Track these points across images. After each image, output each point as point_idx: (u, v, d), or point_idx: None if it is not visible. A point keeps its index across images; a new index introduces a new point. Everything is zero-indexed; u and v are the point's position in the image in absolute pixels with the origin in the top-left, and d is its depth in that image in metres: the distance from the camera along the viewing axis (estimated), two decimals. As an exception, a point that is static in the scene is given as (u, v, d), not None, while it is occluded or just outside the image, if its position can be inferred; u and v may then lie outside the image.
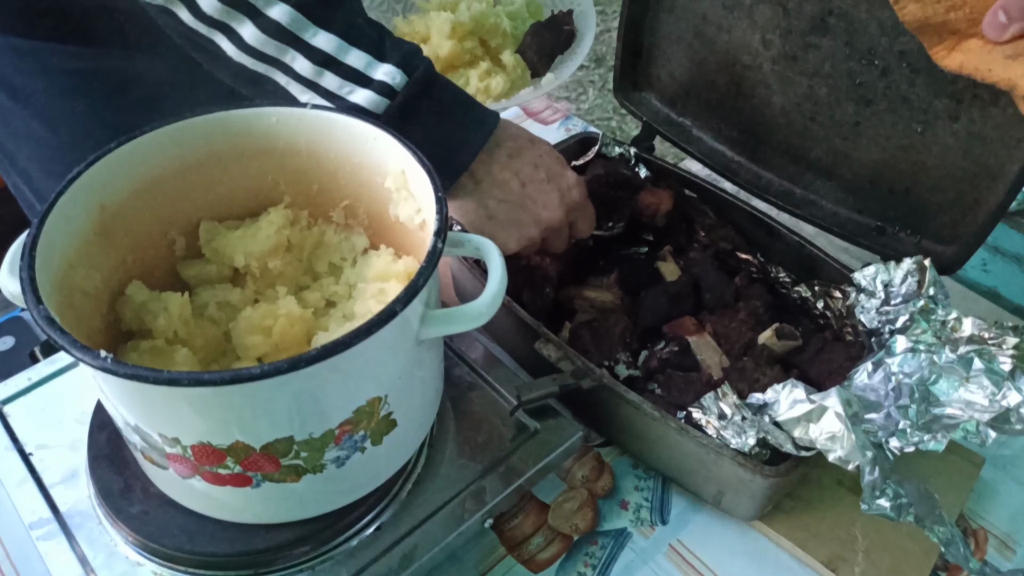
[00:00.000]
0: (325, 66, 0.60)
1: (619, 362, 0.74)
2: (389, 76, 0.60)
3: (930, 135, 0.68)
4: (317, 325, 0.60)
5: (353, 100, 0.60)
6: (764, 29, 0.74)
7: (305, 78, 0.60)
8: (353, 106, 0.60)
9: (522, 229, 0.67)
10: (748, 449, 0.59)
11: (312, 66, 0.59)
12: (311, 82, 0.60)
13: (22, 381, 0.69)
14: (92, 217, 0.56)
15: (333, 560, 0.57)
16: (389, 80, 0.60)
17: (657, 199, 0.81)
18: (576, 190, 0.69)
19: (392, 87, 0.60)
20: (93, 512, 0.60)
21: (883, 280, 0.67)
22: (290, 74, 0.60)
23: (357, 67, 0.60)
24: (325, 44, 0.59)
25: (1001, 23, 0.55)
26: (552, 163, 0.68)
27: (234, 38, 0.58)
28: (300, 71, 0.60)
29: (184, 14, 0.58)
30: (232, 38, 0.58)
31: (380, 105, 0.60)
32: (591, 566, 0.65)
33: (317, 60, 0.59)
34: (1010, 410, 0.56)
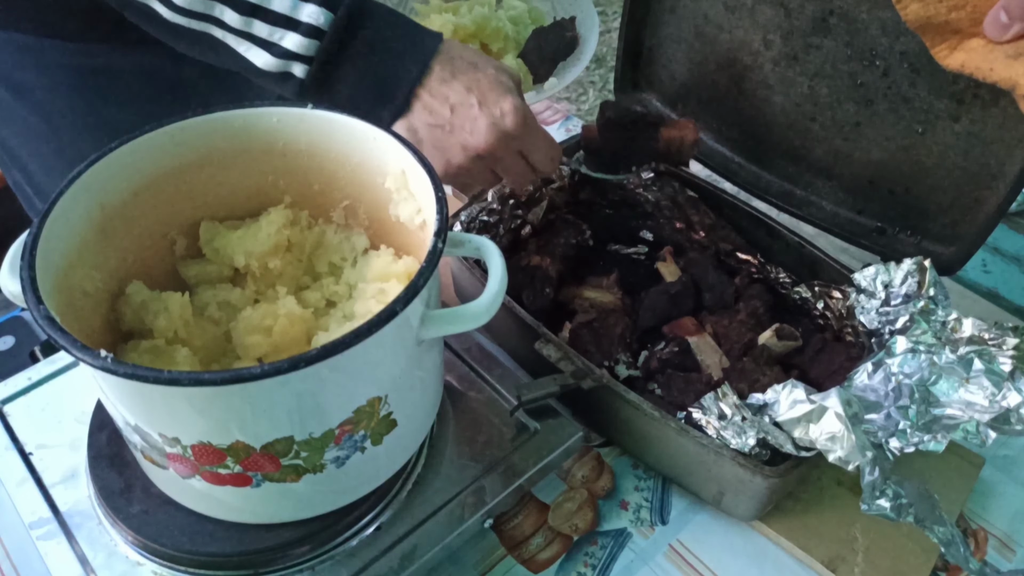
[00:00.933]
0: (252, 15, 0.60)
1: (619, 362, 0.74)
2: (313, 17, 0.60)
3: (931, 135, 0.68)
4: (317, 325, 0.60)
5: (284, 45, 0.60)
6: (765, 29, 0.74)
7: (237, 29, 0.60)
8: (287, 52, 0.60)
9: (447, 154, 0.66)
10: (748, 449, 0.59)
11: (240, 16, 0.60)
12: (244, 32, 0.60)
13: (22, 381, 0.69)
14: (92, 217, 0.56)
15: (333, 560, 0.57)
16: (314, 21, 0.60)
17: (680, 131, 0.77)
18: (511, 116, 0.65)
19: (318, 28, 0.60)
20: (93, 512, 0.60)
21: (883, 281, 0.67)
22: (223, 27, 0.60)
23: (282, 11, 0.60)
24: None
25: (1003, 23, 0.55)
26: (489, 87, 0.65)
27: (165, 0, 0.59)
28: (230, 23, 0.60)
29: None
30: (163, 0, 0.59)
31: (311, 48, 0.60)
32: (591, 566, 0.65)
33: (243, 10, 0.60)
34: (1010, 411, 0.56)
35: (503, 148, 0.66)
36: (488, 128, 0.64)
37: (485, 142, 0.65)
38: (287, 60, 0.60)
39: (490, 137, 0.65)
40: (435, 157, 0.66)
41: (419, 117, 0.64)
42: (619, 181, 0.79)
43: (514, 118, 0.65)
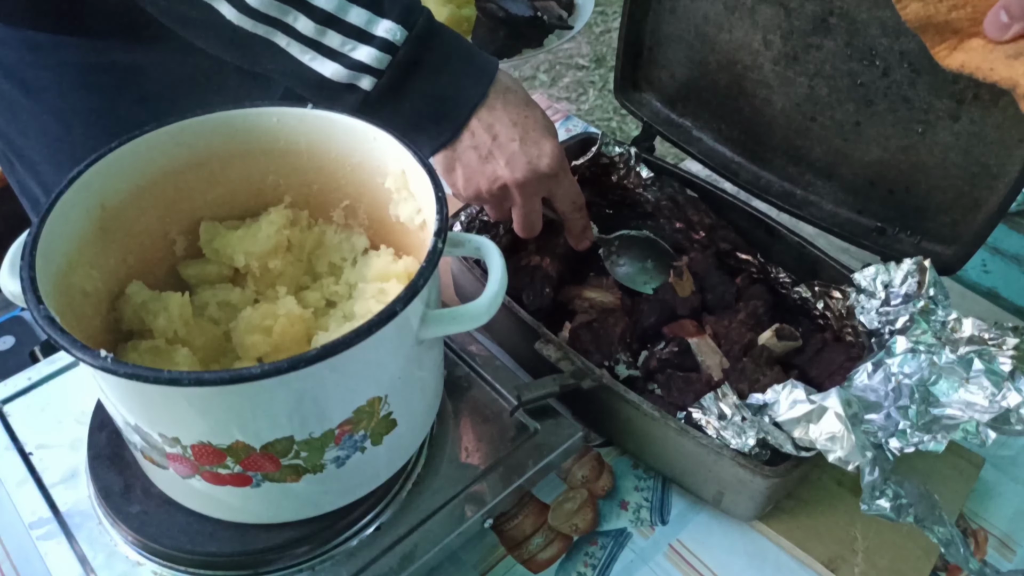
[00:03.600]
0: (327, 24, 0.60)
1: (619, 362, 0.74)
2: (390, 32, 0.61)
3: (931, 135, 0.68)
4: (317, 325, 0.60)
5: (356, 57, 0.61)
6: (765, 29, 0.74)
7: (308, 37, 0.60)
8: (356, 63, 0.61)
9: (476, 179, 0.68)
10: (748, 449, 0.59)
11: (314, 25, 0.60)
12: (314, 41, 0.60)
13: (22, 381, 0.69)
14: (92, 217, 0.56)
15: (333, 560, 0.57)
16: (390, 36, 0.61)
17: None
18: (548, 159, 0.67)
19: (393, 43, 0.61)
20: (93, 512, 0.60)
21: (883, 281, 0.67)
22: (291, 34, 0.60)
23: (358, 24, 0.60)
24: (326, 3, 0.59)
25: (1003, 23, 0.55)
26: (533, 126, 0.67)
27: (235, 2, 0.59)
28: (302, 31, 0.60)
29: None
30: (233, 2, 0.59)
31: (382, 61, 0.61)
32: (591, 566, 0.65)
33: (319, 19, 0.60)
34: (1010, 411, 0.56)
35: (531, 187, 0.68)
36: (524, 165, 0.67)
37: (516, 177, 0.67)
38: (357, 72, 0.61)
39: (524, 174, 0.67)
40: (469, 181, 0.68)
41: (463, 142, 0.66)
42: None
43: (550, 160, 0.67)
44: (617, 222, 0.87)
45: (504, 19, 1.00)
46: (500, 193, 0.69)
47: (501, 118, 0.66)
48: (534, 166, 0.67)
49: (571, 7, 1.10)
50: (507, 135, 0.66)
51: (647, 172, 0.84)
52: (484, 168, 0.67)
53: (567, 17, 1.08)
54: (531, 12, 1.02)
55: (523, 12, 1.01)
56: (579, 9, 1.10)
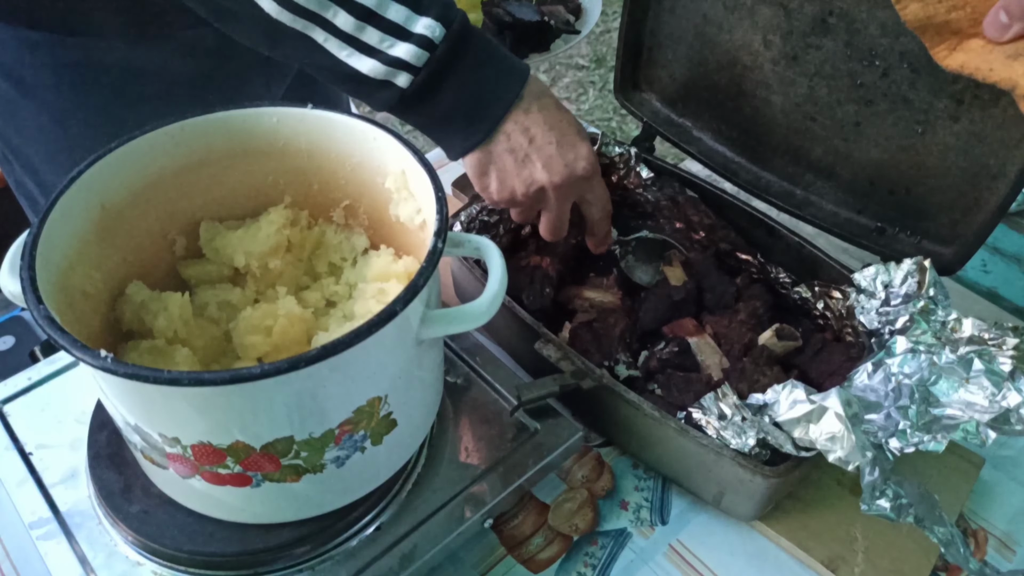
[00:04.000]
0: (366, 20, 0.60)
1: (619, 362, 0.74)
2: (428, 29, 0.60)
3: (930, 135, 0.68)
4: (317, 325, 0.60)
5: (394, 54, 0.60)
6: (765, 29, 0.74)
7: (346, 33, 0.60)
8: (394, 60, 0.60)
9: (512, 182, 0.67)
10: (748, 449, 0.59)
11: (354, 20, 0.59)
12: (352, 37, 0.60)
13: (22, 381, 0.69)
14: (92, 217, 0.56)
15: (333, 560, 0.57)
16: (429, 33, 0.60)
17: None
18: (584, 162, 0.68)
19: (432, 40, 0.60)
20: (93, 512, 0.60)
21: (883, 281, 0.67)
22: (330, 29, 0.60)
23: (397, 21, 0.60)
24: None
25: (1002, 23, 0.55)
26: (568, 130, 0.67)
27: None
28: (341, 26, 0.60)
29: None
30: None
31: (421, 58, 0.60)
32: (591, 566, 0.65)
33: (358, 14, 0.59)
34: (1010, 411, 0.56)
35: (566, 190, 0.68)
36: (562, 167, 0.67)
37: (554, 180, 0.67)
38: (394, 68, 0.60)
39: (560, 176, 0.67)
40: (503, 184, 0.67)
41: (499, 144, 0.66)
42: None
43: (587, 163, 0.68)
44: (617, 222, 0.87)
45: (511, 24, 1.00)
46: (535, 196, 0.68)
47: (537, 120, 0.66)
48: (571, 169, 0.67)
49: (578, 11, 1.10)
50: (544, 138, 0.66)
51: (647, 172, 0.84)
52: (521, 171, 0.67)
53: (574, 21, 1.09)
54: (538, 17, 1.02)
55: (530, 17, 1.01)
56: (586, 13, 1.10)
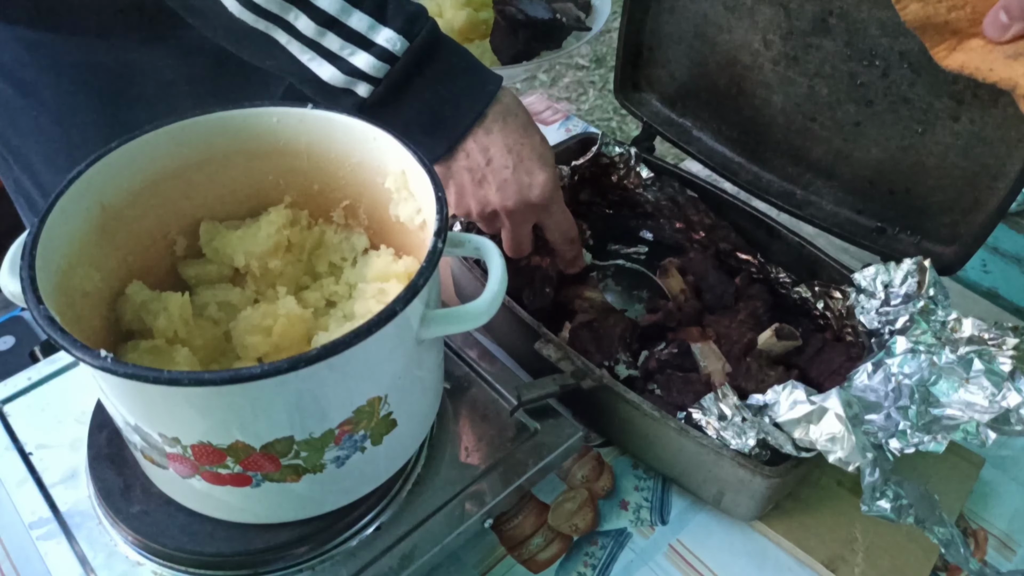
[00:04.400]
0: (327, 26, 0.60)
1: (619, 362, 0.74)
2: (390, 42, 0.60)
3: (930, 135, 0.68)
4: (317, 325, 0.60)
5: (353, 63, 0.60)
6: (765, 30, 0.74)
7: (307, 37, 0.60)
8: (354, 69, 0.61)
9: (467, 198, 0.68)
10: (748, 450, 0.59)
11: (314, 26, 0.60)
12: (312, 41, 0.60)
13: (22, 381, 0.69)
14: (92, 217, 0.56)
15: (333, 560, 0.57)
16: (390, 46, 0.60)
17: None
18: (539, 189, 0.67)
19: (392, 53, 0.60)
20: (93, 512, 0.60)
21: (883, 281, 0.67)
22: (291, 32, 0.60)
23: (359, 30, 0.60)
24: (328, 5, 0.59)
25: (1002, 23, 0.55)
26: (528, 155, 0.66)
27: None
28: (302, 30, 0.60)
29: None
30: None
31: (380, 70, 0.61)
32: (591, 566, 0.65)
33: (320, 20, 0.59)
34: (1010, 411, 0.56)
35: (520, 215, 0.68)
36: (515, 192, 0.67)
37: (505, 204, 0.67)
38: (353, 78, 0.61)
39: (513, 201, 0.67)
40: (459, 200, 0.68)
41: (458, 160, 0.66)
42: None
43: (541, 191, 0.67)
44: (617, 222, 0.88)
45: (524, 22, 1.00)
46: (490, 217, 0.69)
47: (496, 141, 0.65)
48: (524, 196, 0.67)
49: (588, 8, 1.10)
50: (501, 160, 0.66)
51: (647, 172, 0.84)
52: (476, 191, 0.67)
53: (584, 18, 1.09)
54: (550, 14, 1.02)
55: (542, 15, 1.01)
56: (596, 10, 1.10)
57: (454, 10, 1.02)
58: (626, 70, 0.87)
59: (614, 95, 0.89)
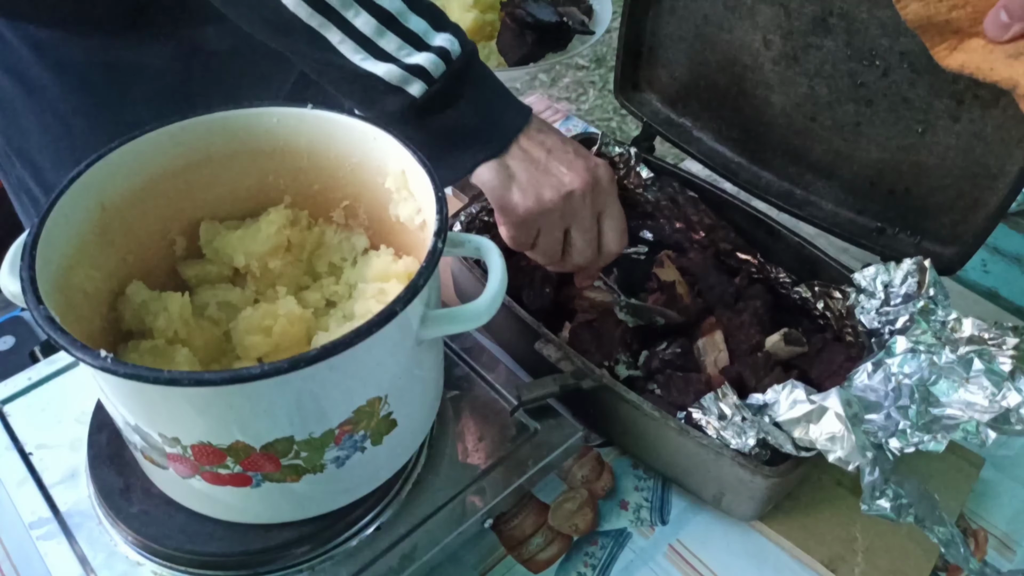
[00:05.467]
0: (388, 25, 0.59)
1: (619, 362, 0.74)
2: (448, 42, 0.61)
3: (931, 135, 0.68)
4: (317, 325, 0.60)
5: (410, 61, 0.60)
6: (765, 29, 0.74)
7: (364, 36, 0.59)
8: (412, 66, 0.60)
9: (540, 189, 0.66)
10: (748, 449, 0.59)
11: (375, 24, 0.59)
12: (369, 41, 0.59)
13: (22, 381, 0.69)
14: (92, 217, 0.56)
15: (333, 560, 0.57)
16: (448, 46, 0.61)
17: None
18: (604, 169, 0.67)
19: (450, 53, 0.61)
20: (93, 512, 0.60)
21: (883, 281, 0.67)
22: (347, 30, 0.59)
23: (417, 31, 0.60)
24: (389, 4, 0.59)
25: (1003, 22, 0.55)
26: (579, 148, 0.68)
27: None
28: (361, 27, 0.59)
29: None
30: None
31: (439, 68, 0.60)
32: (591, 566, 0.65)
33: (381, 18, 0.59)
34: (1010, 411, 0.56)
35: (591, 197, 0.67)
36: (585, 169, 0.66)
37: (581, 180, 0.66)
38: (410, 75, 0.60)
39: (586, 177, 0.66)
40: (527, 192, 0.65)
41: (514, 156, 0.66)
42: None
43: (606, 171, 0.68)
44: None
45: (531, 25, 1.00)
46: (566, 203, 0.66)
47: (551, 136, 0.66)
48: (595, 173, 0.67)
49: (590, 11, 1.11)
50: (560, 148, 0.66)
51: (647, 172, 0.84)
52: (546, 178, 0.66)
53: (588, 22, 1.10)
54: (557, 18, 1.03)
55: (549, 18, 1.03)
56: (597, 15, 1.11)
57: (461, 12, 1.02)
58: (626, 70, 0.87)
59: (614, 95, 0.89)
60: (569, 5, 1.09)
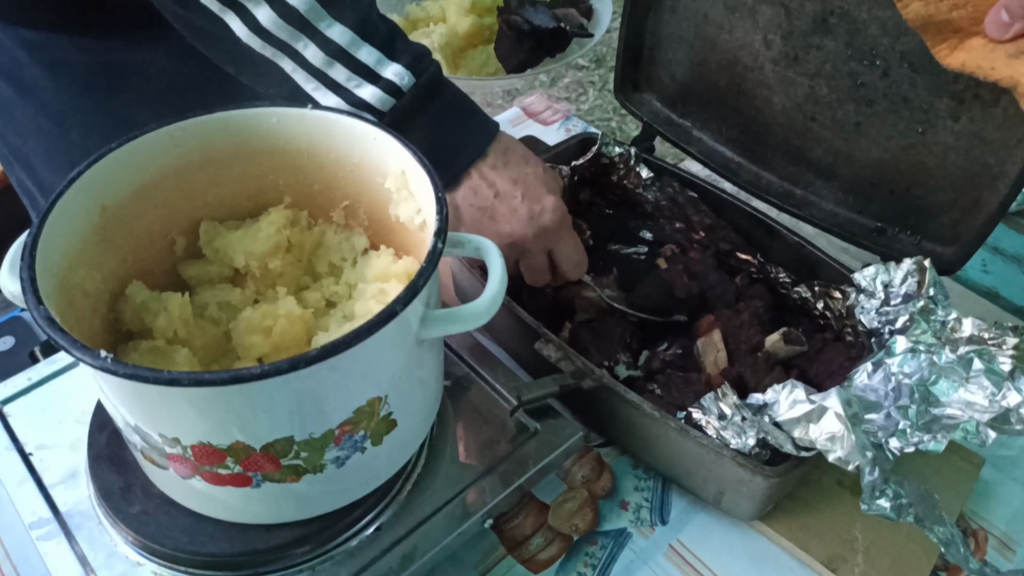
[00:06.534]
0: (336, 58, 0.60)
1: (619, 362, 0.74)
2: (397, 76, 0.61)
3: (931, 135, 0.68)
4: (317, 325, 0.60)
5: (359, 95, 0.61)
6: (766, 29, 0.74)
7: (314, 67, 0.60)
8: (359, 101, 0.61)
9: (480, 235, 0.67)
10: (748, 449, 0.59)
11: (324, 56, 0.60)
12: (320, 72, 0.60)
13: (22, 381, 0.69)
14: (92, 217, 0.56)
15: (333, 560, 0.57)
16: (397, 80, 0.61)
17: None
18: (550, 215, 0.68)
19: (399, 87, 0.61)
20: (93, 512, 0.60)
21: (883, 280, 0.67)
22: (298, 61, 0.60)
23: (367, 63, 0.61)
24: (339, 36, 0.60)
25: (1004, 22, 0.55)
26: (533, 183, 0.68)
27: (247, 19, 0.59)
28: (310, 59, 0.60)
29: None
30: (245, 19, 0.59)
31: (386, 103, 0.61)
32: (591, 566, 0.65)
33: (329, 51, 0.60)
34: (1010, 410, 0.56)
35: (535, 242, 0.69)
36: (526, 220, 0.67)
37: (521, 232, 0.67)
38: (358, 109, 0.61)
39: (526, 229, 0.67)
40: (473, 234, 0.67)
41: (464, 196, 0.67)
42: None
43: (552, 216, 0.68)
44: (617, 222, 0.88)
45: (529, 32, 1.00)
46: (507, 251, 0.68)
47: (502, 175, 0.66)
48: (537, 221, 0.68)
49: (590, 12, 1.10)
50: (508, 192, 0.66)
51: (647, 172, 0.84)
52: (490, 225, 0.67)
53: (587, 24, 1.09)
54: (554, 23, 1.03)
55: (547, 24, 1.02)
56: (597, 14, 1.10)
57: (458, 16, 1.02)
58: (626, 70, 0.87)
59: (614, 95, 0.89)
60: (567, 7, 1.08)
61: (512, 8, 1.03)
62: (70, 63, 0.78)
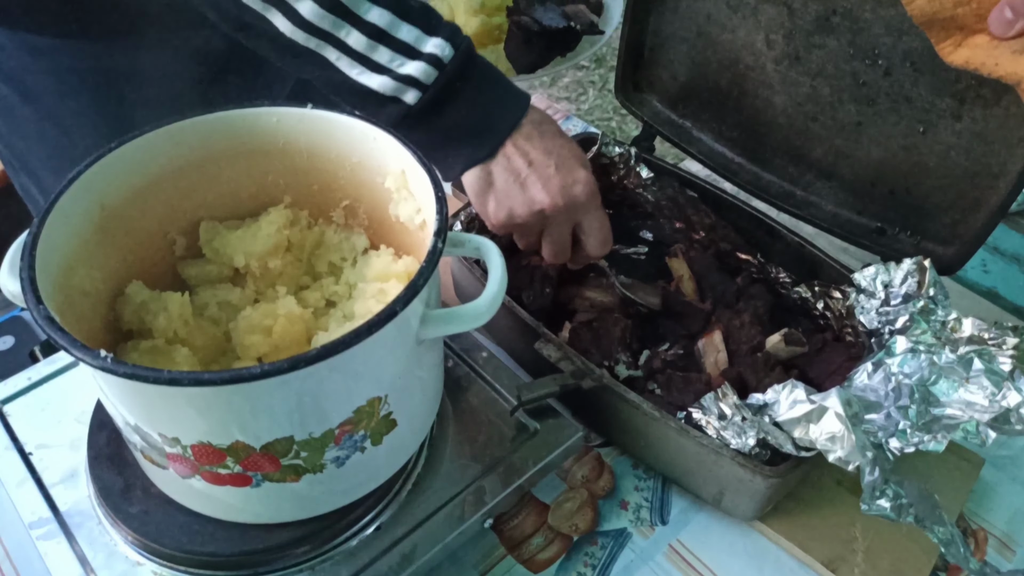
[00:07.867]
0: (379, 40, 0.61)
1: (619, 362, 0.74)
2: (439, 48, 0.62)
3: (932, 135, 0.68)
4: (317, 325, 0.60)
5: (404, 72, 0.61)
6: (768, 29, 0.74)
7: (358, 52, 0.61)
8: (405, 77, 0.61)
9: (513, 204, 0.68)
10: (748, 449, 0.59)
11: (367, 40, 0.60)
12: (363, 56, 0.61)
13: (22, 381, 0.69)
14: (92, 217, 0.56)
15: (333, 560, 0.57)
16: (439, 52, 0.62)
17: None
18: (582, 186, 0.68)
19: (441, 59, 0.62)
20: (93, 512, 0.60)
21: (883, 281, 0.67)
22: (342, 49, 0.61)
23: (408, 41, 0.61)
24: (378, 19, 0.60)
25: (1008, 19, 0.55)
26: (567, 156, 0.68)
27: (290, 14, 0.59)
28: (354, 45, 0.61)
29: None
30: (288, 14, 0.59)
31: (430, 76, 0.62)
32: (591, 566, 0.65)
33: (371, 35, 0.60)
34: (1010, 410, 0.56)
35: (564, 214, 0.68)
36: (559, 189, 0.67)
37: (552, 202, 0.67)
38: (404, 84, 0.61)
39: (558, 199, 0.67)
40: (501, 204, 0.68)
41: (498, 164, 0.67)
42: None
43: (584, 188, 0.68)
44: (617, 222, 0.87)
45: (539, 32, 1.00)
46: (535, 218, 0.68)
47: (536, 145, 0.67)
48: (570, 192, 0.67)
49: (600, 9, 1.10)
50: (542, 162, 0.66)
51: (647, 172, 0.84)
52: (521, 193, 0.67)
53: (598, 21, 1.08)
54: (564, 22, 1.02)
55: (557, 23, 1.01)
56: (608, 9, 1.10)
57: (467, 16, 1.02)
58: (627, 70, 0.87)
59: (614, 95, 0.89)
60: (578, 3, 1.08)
61: (521, 8, 1.03)
62: (74, 68, 0.78)
